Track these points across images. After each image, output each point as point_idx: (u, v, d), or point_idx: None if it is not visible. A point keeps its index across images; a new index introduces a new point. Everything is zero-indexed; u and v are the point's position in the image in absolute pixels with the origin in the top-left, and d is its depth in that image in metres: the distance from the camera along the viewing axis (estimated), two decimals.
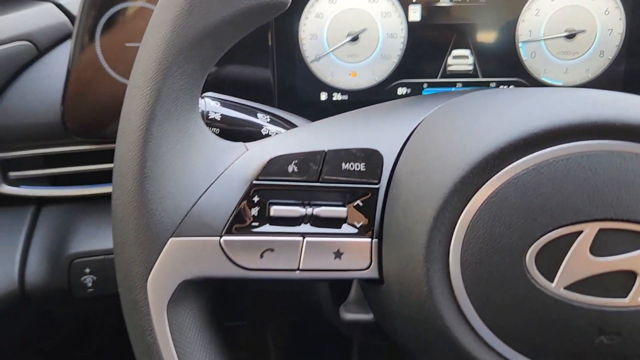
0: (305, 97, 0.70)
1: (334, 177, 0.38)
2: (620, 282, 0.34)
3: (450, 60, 0.70)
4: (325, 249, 0.37)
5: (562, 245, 0.34)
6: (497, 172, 0.34)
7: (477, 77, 0.70)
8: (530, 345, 0.34)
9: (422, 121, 0.41)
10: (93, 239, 0.72)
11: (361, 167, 0.38)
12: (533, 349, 0.34)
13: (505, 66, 0.70)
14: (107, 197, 0.75)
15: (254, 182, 0.37)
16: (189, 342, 0.36)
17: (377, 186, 0.38)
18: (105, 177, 0.74)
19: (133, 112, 0.35)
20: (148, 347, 0.36)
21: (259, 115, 0.53)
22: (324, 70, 0.70)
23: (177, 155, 0.36)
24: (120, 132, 0.36)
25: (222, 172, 0.37)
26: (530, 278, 0.34)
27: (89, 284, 0.71)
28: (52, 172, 0.74)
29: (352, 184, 0.38)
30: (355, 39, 0.69)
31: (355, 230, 0.38)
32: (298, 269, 0.37)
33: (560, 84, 0.70)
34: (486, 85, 0.70)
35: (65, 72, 0.69)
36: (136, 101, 0.35)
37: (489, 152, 0.34)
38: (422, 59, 0.70)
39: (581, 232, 0.34)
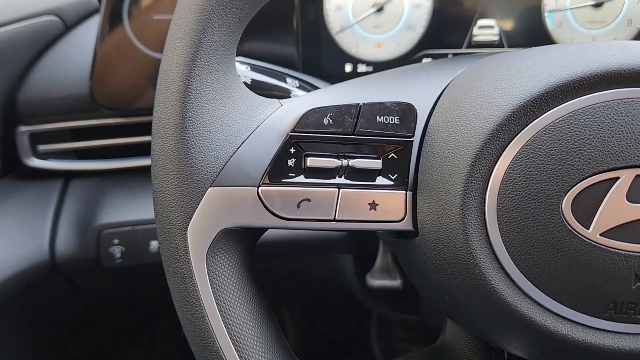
0: (330, 69, 0.71)
1: (369, 130, 0.38)
2: None
3: (475, 31, 0.69)
4: (360, 200, 0.37)
5: (599, 192, 0.34)
6: (534, 120, 0.34)
7: (503, 47, 0.70)
8: (565, 292, 0.34)
9: (455, 77, 0.41)
10: (121, 210, 0.74)
11: (395, 120, 0.38)
12: (569, 296, 0.34)
13: (531, 36, 0.70)
14: (134, 170, 0.76)
15: (291, 133, 0.37)
16: (227, 289, 0.37)
17: (411, 139, 0.38)
18: (132, 150, 0.76)
19: (174, 62, 0.36)
20: (188, 293, 0.37)
21: (288, 80, 0.54)
22: (348, 41, 0.70)
23: (217, 106, 0.36)
24: (161, 82, 0.36)
25: (260, 125, 0.38)
26: (567, 224, 0.34)
27: (117, 255, 0.73)
28: (80, 145, 0.75)
29: (386, 137, 0.38)
30: (380, 9, 0.69)
31: (390, 183, 0.38)
32: (334, 219, 0.37)
33: None
34: None
35: (93, 46, 0.70)
36: (177, 52, 0.36)
37: (525, 100, 0.34)
38: (448, 29, 0.70)
39: (618, 178, 0.34)
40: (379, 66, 0.70)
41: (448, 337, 0.49)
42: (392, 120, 0.38)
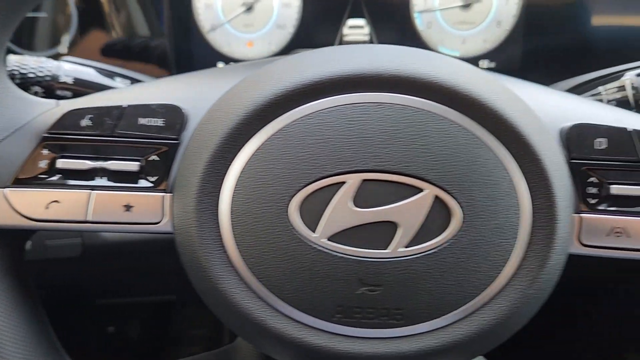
0: (202, 67, 0.71)
1: (129, 132, 0.38)
2: (381, 233, 0.34)
3: (346, 30, 0.69)
4: (114, 202, 0.38)
5: (325, 196, 0.34)
6: (265, 125, 0.34)
7: None
8: (297, 296, 0.35)
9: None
10: None
11: (159, 122, 0.38)
12: (300, 300, 0.35)
13: (401, 36, 0.70)
14: None
15: (45, 135, 0.38)
16: None
17: (175, 142, 0.39)
18: None
19: None
20: None
21: (118, 79, 0.54)
22: (220, 40, 0.70)
23: None
24: None
25: (22, 126, 0.38)
26: (294, 229, 0.34)
27: None
28: None
29: (148, 139, 0.38)
30: (250, 8, 0.69)
31: (149, 185, 0.38)
32: (86, 221, 0.38)
33: (458, 54, 0.70)
34: None
35: None
36: None
37: (255, 106, 0.34)
38: (318, 28, 0.70)
39: (344, 182, 0.34)
40: None
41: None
42: (155, 123, 0.39)
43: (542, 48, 0.69)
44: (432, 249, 0.34)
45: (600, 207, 0.37)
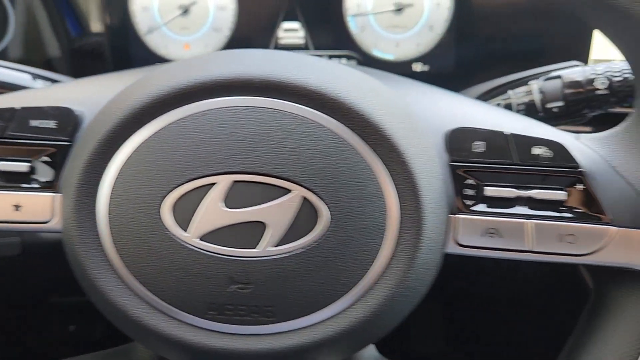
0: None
1: (20, 134, 0.39)
2: (250, 233, 0.35)
3: (281, 34, 0.70)
4: (3, 202, 0.39)
5: (197, 197, 0.35)
6: (140, 128, 0.35)
7: (309, 49, 0.71)
8: (172, 293, 0.36)
9: None
10: None
11: (51, 124, 0.39)
12: (175, 297, 0.36)
13: (336, 39, 0.71)
14: None
15: None
16: None
17: (67, 143, 0.39)
18: None
19: None
20: None
21: (39, 81, 0.55)
22: (158, 42, 0.71)
23: None
24: None
25: None
26: (166, 228, 0.35)
27: None
28: None
29: (39, 141, 0.39)
30: (186, 11, 0.70)
31: (37, 185, 0.39)
32: None
33: (392, 57, 0.71)
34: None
35: None
36: None
37: (132, 110, 0.35)
38: (254, 31, 0.71)
39: (215, 183, 0.35)
40: None
41: None
42: (47, 125, 0.40)
43: (474, 52, 0.70)
44: (300, 248, 0.35)
45: (475, 209, 0.38)
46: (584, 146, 0.39)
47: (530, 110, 0.53)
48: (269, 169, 0.35)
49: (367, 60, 0.71)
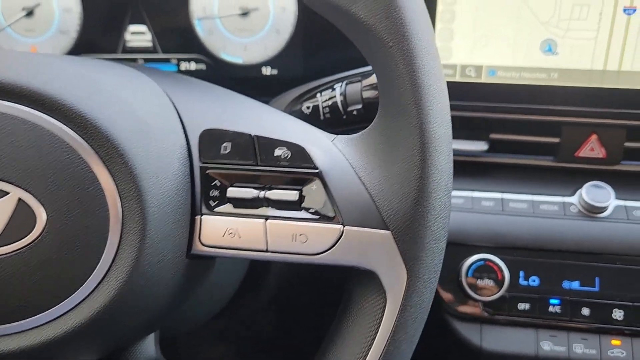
0: None
1: None
2: None
3: (128, 36, 0.70)
4: None
5: None
6: None
7: (157, 53, 0.71)
8: None
9: None
10: None
11: None
12: None
13: (184, 43, 0.71)
14: None
15: None
16: None
17: None
18: None
19: None
20: None
21: None
22: (3, 44, 0.70)
23: None
24: None
25: None
26: None
27: None
28: None
29: None
30: (30, 13, 0.69)
31: None
32: None
33: (240, 61, 0.71)
34: (167, 61, 0.71)
35: None
36: None
37: None
38: (101, 34, 0.70)
39: None
40: None
41: None
42: None
43: (322, 56, 0.71)
44: (17, 249, 0.35)
45: (218, 210, 0.39)
46: (332, 147, 0.40)
47: (334, 113, 0.53)
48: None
49: (216, 64, 0.71)
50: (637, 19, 0.64)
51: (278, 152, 0.39)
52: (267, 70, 0.71)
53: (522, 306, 0.67)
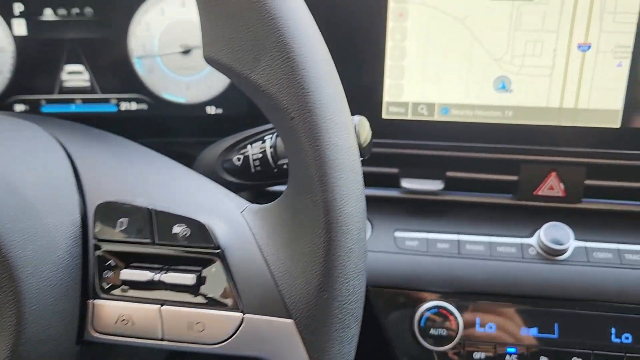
0: None
1: None
2: None
3: (65, 76, 0.67)
4: None
5: None
6: None
7: (96, 92, 0.68)
8: None
9: None
10: None
11: None
12: None
13: (124, 82, 0.68)
14: None
15: None
16: None
17: None
18: None
19: None
20: None
21: None
22: None
23: None
24: None
25: None
26: None
27: None
28: None
29: None
30: None
31: None
32: None
33: (184, 100, 0.68)
34: (106, 101, 0.68)
35: None
36: None
37: None
38: (36, 74, 0.67)
39: None
40: None
41: None
42: None
43: None
44: None
45: (112, 293, 0.36)
46: (239, 220, 0.37)
47: (265, 166, 0.50)
48: None
49: (158, 103, 0.68)
50: (591, 56, 0.61)
51: (177, 229, 0.36)
52: (211, 110, 0.68)
53: (478, 355, 0.64)
